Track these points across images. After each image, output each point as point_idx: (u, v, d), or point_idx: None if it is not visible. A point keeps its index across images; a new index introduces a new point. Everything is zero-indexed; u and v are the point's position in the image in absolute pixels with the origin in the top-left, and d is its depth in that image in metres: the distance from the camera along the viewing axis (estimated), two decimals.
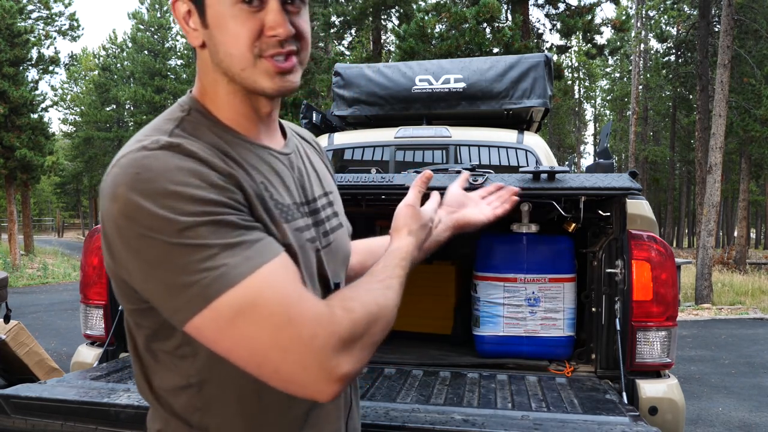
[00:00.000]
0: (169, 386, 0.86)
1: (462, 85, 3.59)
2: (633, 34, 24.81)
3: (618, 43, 28.28)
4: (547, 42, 27.53)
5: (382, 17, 21.32)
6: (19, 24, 19.69)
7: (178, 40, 36.37)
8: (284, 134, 1.00)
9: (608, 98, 43.67)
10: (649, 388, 1.88)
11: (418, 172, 2.20)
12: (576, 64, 39.64)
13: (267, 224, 0.82)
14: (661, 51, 27.77)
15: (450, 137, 3.44)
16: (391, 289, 0.86)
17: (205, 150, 0.79)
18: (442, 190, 1.86)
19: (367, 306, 0.80)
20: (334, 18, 22.20)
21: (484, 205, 1.21)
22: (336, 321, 0.76)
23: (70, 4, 24.17)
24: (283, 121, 1.02)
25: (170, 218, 0.72)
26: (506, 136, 3.51)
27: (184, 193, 0.73)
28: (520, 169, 1.97)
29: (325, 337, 0.74)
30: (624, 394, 1.80)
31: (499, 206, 1.21)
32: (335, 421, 0.97)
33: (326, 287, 0.95)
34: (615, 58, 36.06)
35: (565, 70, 26.66)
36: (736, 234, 24.24)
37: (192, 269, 0.72)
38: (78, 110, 40.08)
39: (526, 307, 2.18)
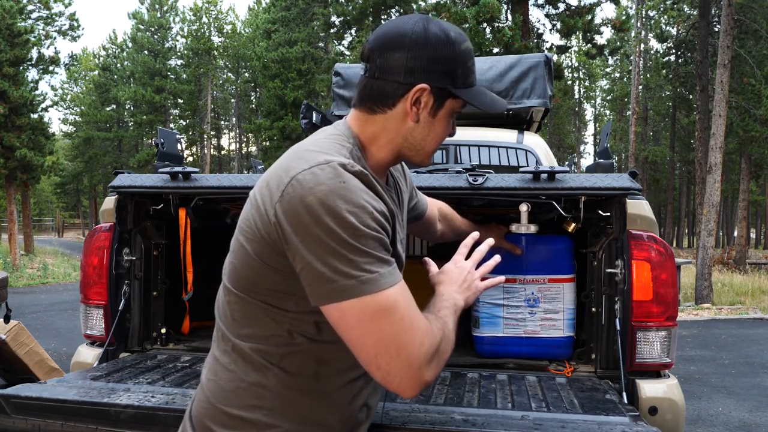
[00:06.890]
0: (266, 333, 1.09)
1: None
2: (633, 34, 24.78)
3: (618, 43, 28.26)
4: (547, 42, 27.53)
5: (382, 17, 21.31)
6: (19, 24, 19.68)
7: (178, 40, 36.38)
8: None
9: (608, 98, 43.67)
10: (649, 388, 1.87)
11: (419, 173, 2.21)
12: (576, 64, 39.66)
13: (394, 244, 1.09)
14: (661, 51, 27.78)
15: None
16: (449, 323, 1.09)
17: (380, 187, 1.06)
18: (442, 189, 1.86)
19: (442, 330, 1.04)
20: (334, 18, 22.18)
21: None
22: (434, 335, 1.00)
23: (70, 4, 24.18)
24: None
25: (355, 224, 0.94)
26: (506, 136, 3.51)
27: (368, 210, 0.97)
28: (520, 169, 1.96)
29: (429, 347, 0.97)
30: (624, 394, 1.80)
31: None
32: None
33: None
34: (615, 58, 36.07)
35: (565, 70, 26.67)
36: (736, 234, 24.24)
37: (356, 266, 0.94)
38: (78, 110, 40.12)
39: (526, 307, 2.17)
